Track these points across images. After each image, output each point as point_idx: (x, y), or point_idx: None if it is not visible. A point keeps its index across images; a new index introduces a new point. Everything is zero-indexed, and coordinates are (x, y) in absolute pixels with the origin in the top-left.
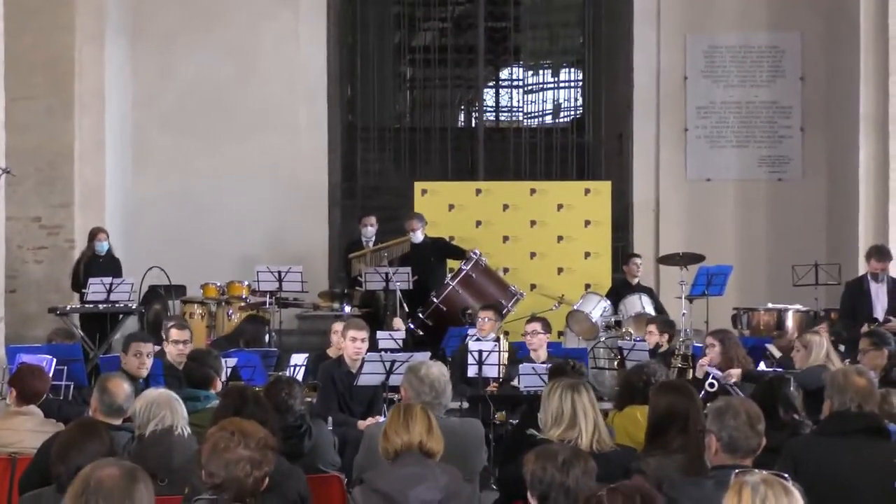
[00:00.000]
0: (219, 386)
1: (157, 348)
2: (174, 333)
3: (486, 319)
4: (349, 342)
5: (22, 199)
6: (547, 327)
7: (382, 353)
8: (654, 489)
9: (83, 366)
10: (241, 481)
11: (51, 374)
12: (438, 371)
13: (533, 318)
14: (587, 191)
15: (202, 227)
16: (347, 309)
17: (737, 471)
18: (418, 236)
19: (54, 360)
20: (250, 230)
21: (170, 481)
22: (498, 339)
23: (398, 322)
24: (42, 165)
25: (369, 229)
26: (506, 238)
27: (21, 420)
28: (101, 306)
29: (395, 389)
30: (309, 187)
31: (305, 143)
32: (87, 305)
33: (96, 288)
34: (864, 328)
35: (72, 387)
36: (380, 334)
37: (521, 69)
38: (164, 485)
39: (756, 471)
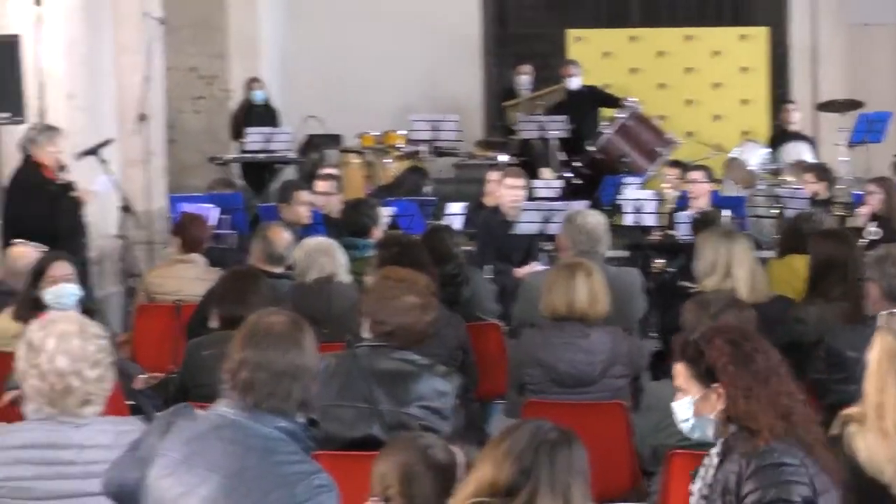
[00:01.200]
0: (377, 234)
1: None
2: (318, 185)
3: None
4: (506, 190)
5: (178, 49)
6: (708, 176)
7: (539, 201)
8: (753, 331)
9: (244, 214)
10: (411, 327)
11: (214, 223)
12: (595, 220)
13: (695, 167)
14: (742, 37)
15: (357, 76)
16: (503, 158)
17: (883, 312)
18: (574, 83)
19: (217, 208)
20: (405, 79)
21: (330, 329)
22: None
23: (546, 172)
24: (197, 15)
25: (524, 77)
26: (660, 85)
27: (184, 268)
28: (259, 156)
29: (552, 238)
30: (461, 35)
31: None
32: (246, 155)
33: (255, 137)
34: None
35: (234, 235)
36: (536, 183)
37: None
38: (325, 332)
39: None
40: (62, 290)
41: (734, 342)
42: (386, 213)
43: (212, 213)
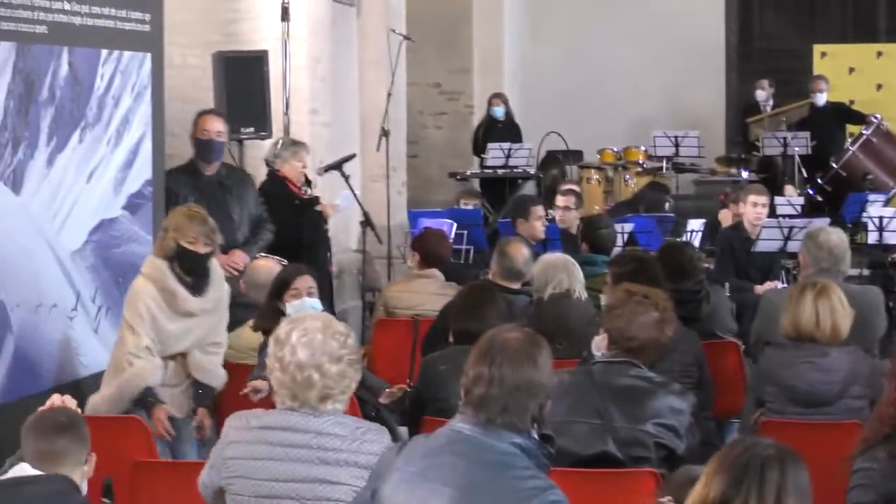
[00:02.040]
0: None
1: (552, 213)
2: (558, 200)
3: None
4: (750, 207)
5: (422, 64)
6: None
7: (780, 218)
8: None
9: (483, 230)
10: (657, 342)
11: (452, 238)
12: (838, 237)
13: None
14: None
15: (598, 92)
16: (745, 174)
17: None
18: (821, 98)
19: (455, 224)
20: (646, 94)
21: (567, 344)
22: None
23: (789, 189)
24: (441, 31)
25: (763, 92)
26: None
27: (423, 283)
28: (499, 171)
29: (793, 256)
30: (705, 50)
31: (702, 4)
32: (486, 170)
33: (495, 153)
34: None
35: (472, 250)
36: (778, 200)
37: None
38: (561, 348)
39: None
40: (304, 304)
41: None
42: (625, 229)
43: (450, 227)
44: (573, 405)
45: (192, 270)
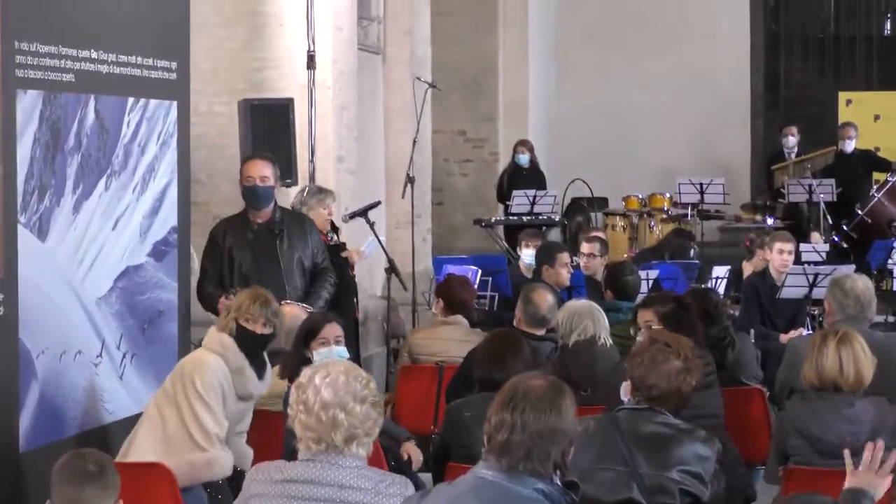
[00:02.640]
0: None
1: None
2: (584, 247)
3: None
4: (776, 254)
5: (448, 112)
6: None
7: (806, 265)
8: None
9: (507, 276)
10: (680, 391)
11: (476, 285)
12: (864, 284)
13: None
14: None
15: (624, 139)
16: (770, 221)
17: None
18: (849, 146)
19: (479, 270)
20: (671, 141)
21: (592, 391)
22: None
23: (815, 236)
24: (467, 79)
25: (791, 139)
26: None
27: (447, 330)
28: (524, 218)
29: (819, 302)
30: (730, 97)
31: (727, 52)
32: (511, 217)
33: (520, 200)
34: None
35: (497, 297)
36: (803, 247)
37: None
38: (586, 394)
39: None
40: (332, 352)
41: None
42: (650, 275)
43: (475, 274)
44: (599, 452)
45: (250, 351)
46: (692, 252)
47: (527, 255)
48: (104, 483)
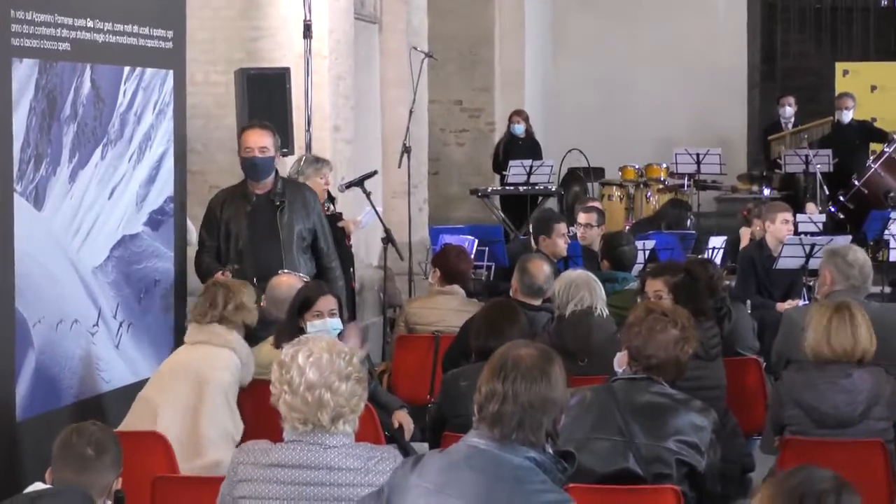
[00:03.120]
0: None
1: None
2: (580, 217)
3: None
4: (780, 224)
5: (444, 82)
6: None
7: (802, 236)
8: None
9: (504, 247)
10: (678, 360)
11: (473, 255)
12: (864, 256)
13: None
14: None
15: (620, 110)
16: (766, 192)
17: None
18: (847, 116)
19: (476, 240)
20: (668, 112)
21: (589, 361)
22: None
23: (811, 207)
24: (463, 49)
25: (787, 109)
26: None
27: (444, 299)
28: (521, 188)
29: (815, 273)
30: (727, 69)
31: (724, 23)
32: (507, 188)
33: (516, 170)
34: None
35: (493, 267)
36: (799, 217)
37: None
38: (583, 364)
39: None
40: (326, 325)
41: None
42: (647, 246)
43: (471, 244)
44: (595, 422)
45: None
46: (689, 222)
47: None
48: (101, 465)
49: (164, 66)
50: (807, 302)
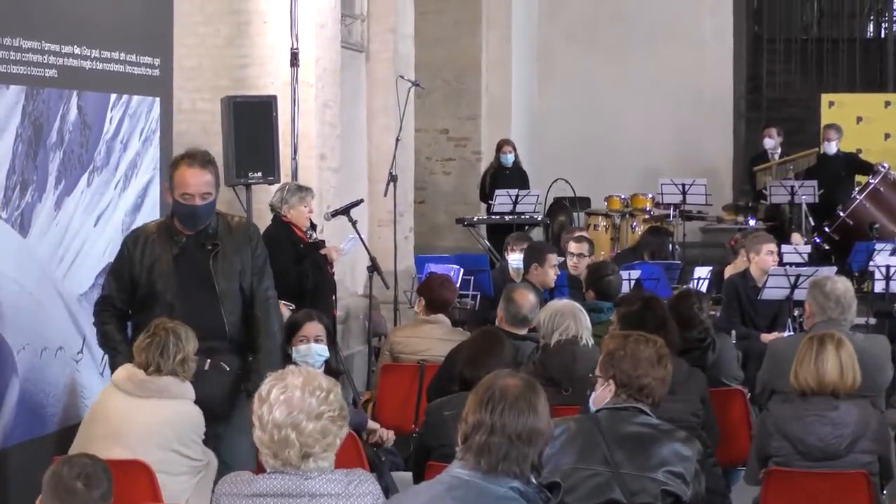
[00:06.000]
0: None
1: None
2: (572, 247)
3: None
4: (766, 256)
5: (430, 111)
6: None
7: (787, 266)
8: None
9: (489, 276)
10: (663, 380)
11: (458, 284)
12: (844, 286)
13: None
14: None
15: (606, 140)
16: (752, 222)
17: None
18: (832, 147)
19: (462, 269)
20: (654, 142)
21: (573, 390)
22: None
23: (797, 238)
24: (450, 78)
25: (769, 141)
26: None
27: (429, 328)
28: (506, 217)
29: (800, 304)
30: (713, 99)
31: (710, 54)
32: (493, 216)
33: (502, 199)
34: None
35: (478, 296)
36: (785, 248)
37: None
38: (567, 394)
39: None
40: (311, 350)
41: None
42: (632, 276)
43: (457, 273)
44: (580, 453)
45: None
46: (673, 249)
47: (514, 259)
48: (90, 499)
49: (150, 94)
50: (791, 333)
